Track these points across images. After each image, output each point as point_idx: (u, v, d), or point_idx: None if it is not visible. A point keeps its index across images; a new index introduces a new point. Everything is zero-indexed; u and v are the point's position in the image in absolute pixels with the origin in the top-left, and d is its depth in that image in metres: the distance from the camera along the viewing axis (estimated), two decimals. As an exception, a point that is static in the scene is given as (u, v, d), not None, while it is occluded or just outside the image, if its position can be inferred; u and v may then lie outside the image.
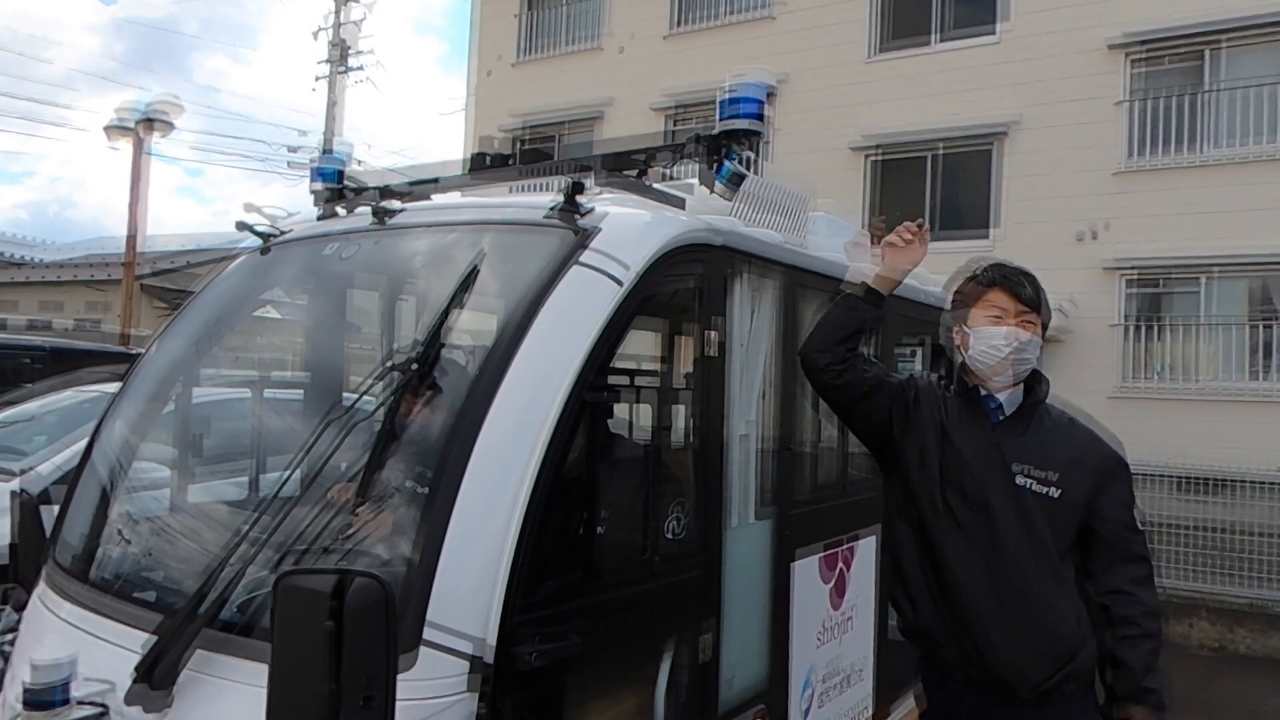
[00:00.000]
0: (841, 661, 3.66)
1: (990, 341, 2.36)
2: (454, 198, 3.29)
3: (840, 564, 3.63)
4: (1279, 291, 10.98)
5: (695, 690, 2.68)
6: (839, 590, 3.62)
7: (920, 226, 2.45)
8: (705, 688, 2.71)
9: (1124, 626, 2.29)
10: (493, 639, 1.96)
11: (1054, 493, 2.29)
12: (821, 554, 3.46)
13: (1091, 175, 11.73)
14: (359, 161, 3.46)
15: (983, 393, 2.43)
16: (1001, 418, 2.40)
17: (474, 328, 2.44)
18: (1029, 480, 2.31)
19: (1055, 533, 2.30)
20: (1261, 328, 10.96)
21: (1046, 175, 11.96)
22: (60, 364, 8.98)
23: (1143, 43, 11.64)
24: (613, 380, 2.90)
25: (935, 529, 2.37)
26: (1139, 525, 2.37)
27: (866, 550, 3.86)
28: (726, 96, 2.69)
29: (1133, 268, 11.53)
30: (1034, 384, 2.43)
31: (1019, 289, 2.39)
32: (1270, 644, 7.75)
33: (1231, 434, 10.32)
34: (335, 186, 3.36)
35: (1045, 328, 2.42)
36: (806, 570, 3.33)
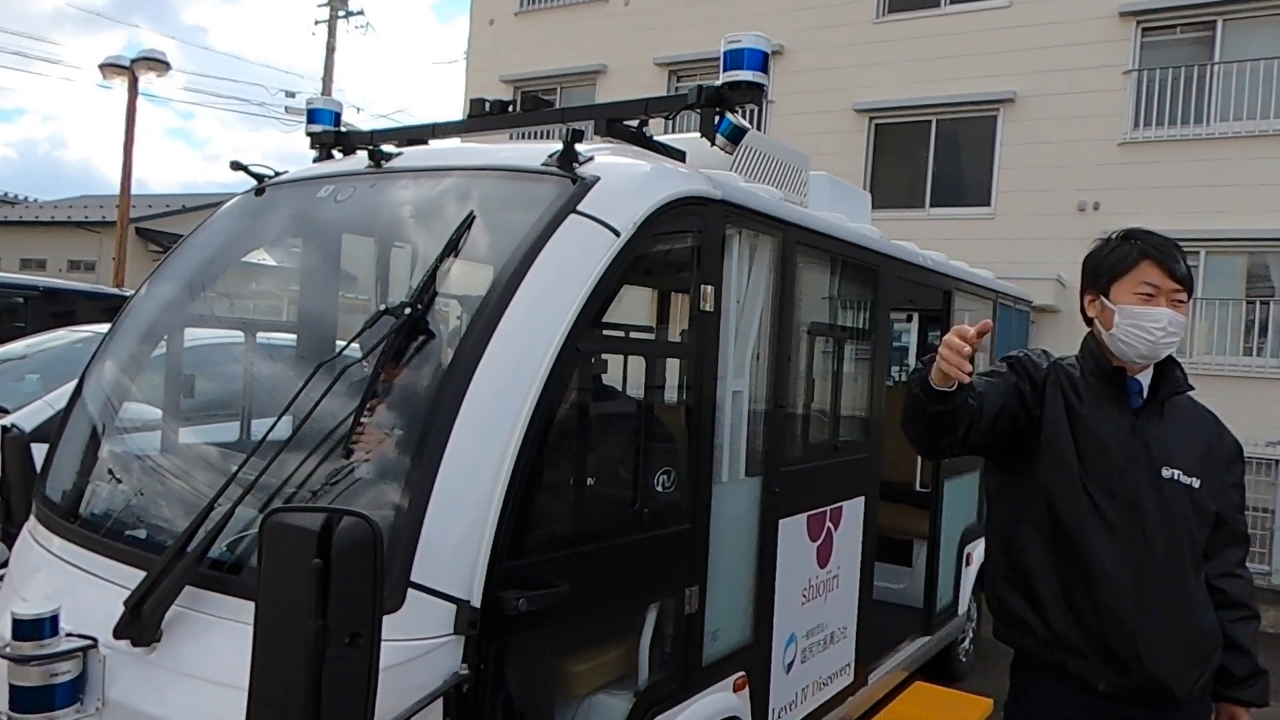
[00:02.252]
0: (826, 620, 3.70)
1: (1140, 322, 2.11)
2: (451, 144, 3.26)
3: (828, 524, 3.66)
4: (1276, 269, 10.97)
5: (680, 641, 2.72)
6: (825, 550, 3.65)
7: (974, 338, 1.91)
8: (690, 640, 2.74)
9: (1237, 609, 2.22)
10: (480, 583, 1.97)
11: (1195, 482, 2.15)
12: (809, 513, 3.48)
13: (1097, 145, 11.63)
14: (348, 125, 3.41)
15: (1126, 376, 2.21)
16: (1141, 402, 2.20)
17: (469, 274, 2.42)
18: (1174, 471, 2.14)
19: (1200, 525, 2.17)
20: (1259, 304, 10.96)
21: (1051, 144, 11.87)
22: (53, 304, 8.93)
23: (1156, 10, 11.49)
24: (607, 333, 2.90)
25: (1078, 531, 2.12)
26: (1244, 506, 2.30)
27: (854, 512, 3.89)
28: (729, 48, 2.64)
29: (1132, 240, 11.49)
30: (1166, 365, 2.22)
31: (1174, 264, 2.13)
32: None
33: (1222, 409, 10.31)
34: (332, 129, 3.33)
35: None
36: (794, 528, 3.35)
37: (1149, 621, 2.09)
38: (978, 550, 5.60)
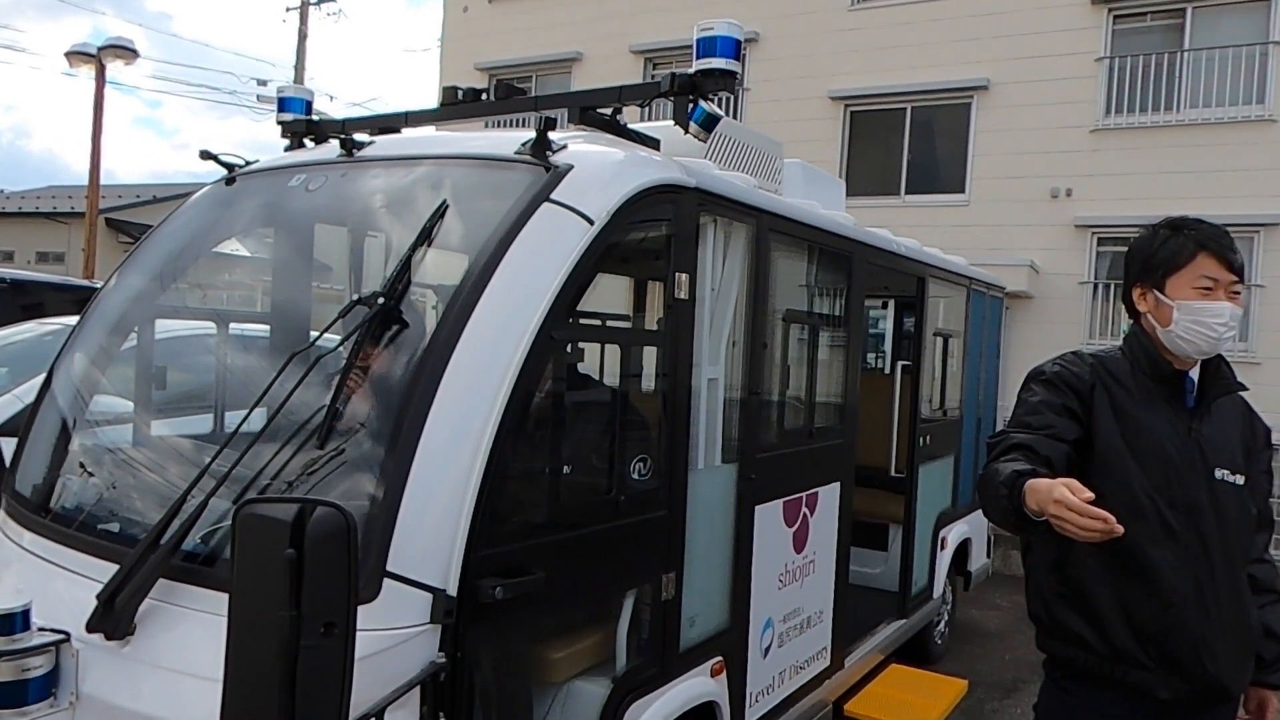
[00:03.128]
0: (802, 605, 3.74)
1: (1200, 317, 2.03)
2: (424, 132, 3.24)
3: (804, 509, 3.68)
4: (1247, 255, 11.14)
5: (657, 628, 2.73)
6: (801, 535, 3.68)
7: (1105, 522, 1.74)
8: (666, 626, 2.76)
9: (1267, 594, 2.20)
10: (456, 572, 1.98)
11: (1240, 480, 2.11)
12: (785, 499, 3.51)
13: (1069, 132, 11.75)
14: (320, 113, 3.39)
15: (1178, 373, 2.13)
16: (1193, 402, 2.14)
17: (443, 263, 2.41)
18: (1224, 471, 2.09)
19: (1247, 522, 2.15)
20: (1226, 289, 11.13)
21: (1024, 131, 11.97)
22: (21, 296, 8.79)
23: (1126, -1, 11.61)
24: (582, 321, 2.90)
25: (1139, 538, 2.01)
26: (1271, 491, 2.25)
27: (830, 498, 3.92)
28: (702, 36, 2.65)
29: (1104, 226, 11.62)
30: (1212, 358, 2.14)
31: (1231, 255, 2.06)
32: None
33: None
34: (303, 118, 3.30)
35: None
36: (770, 514, 3.38)
37: (1211, 627, 2.05)
38: (952, 534, 5.66)
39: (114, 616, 2.06)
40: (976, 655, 5.94)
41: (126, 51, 13.12)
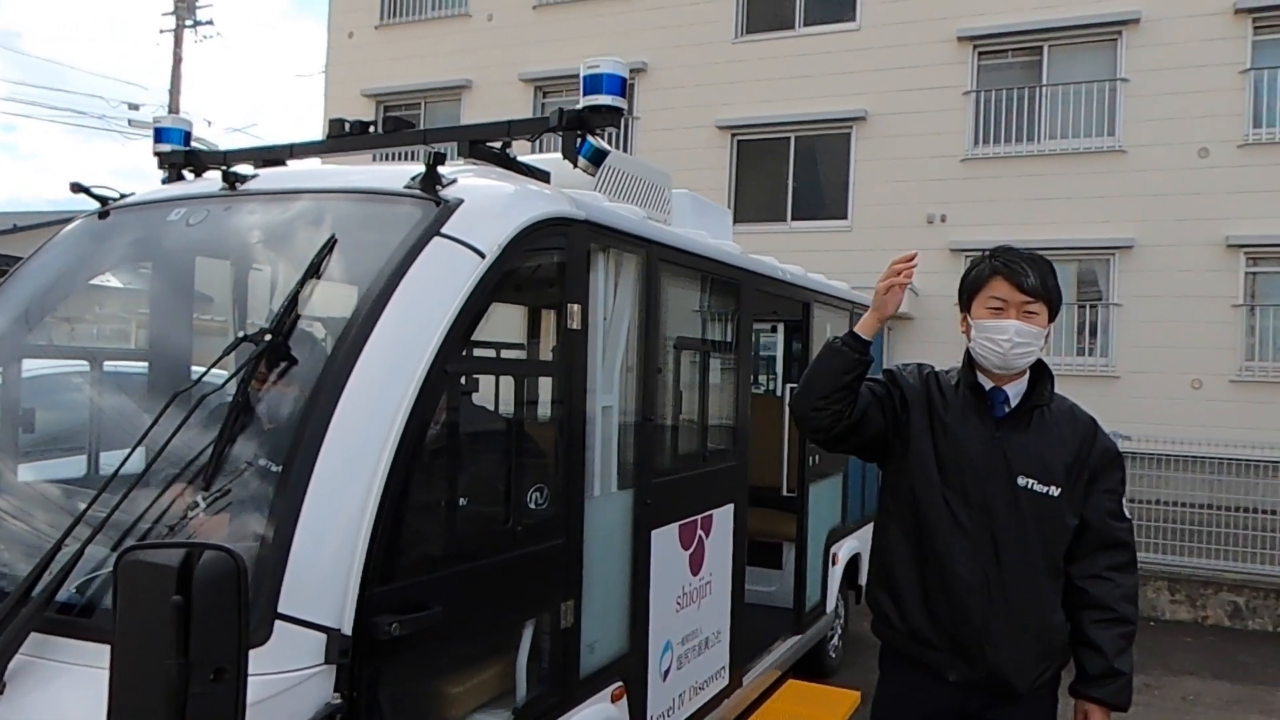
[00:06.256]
0: (700, 626, 3.80)
1: (989, 334, 2.27)
2: (311, 165, 3.20)
3: (699, 532, 3.76)
4: (1104, 276, 11.92)
5: (557, 656, 2.75)
6: (698, 557, 3.75)
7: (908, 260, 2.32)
8: (566, 654, 2.77)
9: (1099, 610, 2.32)
10: (351, 611, 1.95)
11: (1054, 491, 2.28)
12: (681, 522, 3.57)
13: (942, 161, 12.38)
14: (200, 140, 3.31)
15: (987, 386, 2.35)
16: (1007, 410, 2.33)
17: (333, 299, 2.39)
18: (1030, 480, 2.28)
19: (1054, 531, 2.30)
20: (1088, 308, 11.87)
21: (901, 160, 12.56)
22: None
23: (989, 36, 12.34)
24: (476, 353, 2.91)
25: (935, 531, 2.31)
26: (1125, 514, 2.39)
27: (724, 519, 4.01)
28: (589, 73, 2.71)
29: (976, 250, 12.24)
30: (1038, 377, 2.36)
31: (1020, 278, 2.26)
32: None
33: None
34: (181, 149, 3.21)
35: (1054, 313, 2.33)
36: (666, 538, 3.43)
37: (995, 619, 2.27)
38: (843, 550, 5.84)
39: (-20, 675, 1.95)
40: (869, 667, 6.03)
41: (-16, 73, 12.38)
